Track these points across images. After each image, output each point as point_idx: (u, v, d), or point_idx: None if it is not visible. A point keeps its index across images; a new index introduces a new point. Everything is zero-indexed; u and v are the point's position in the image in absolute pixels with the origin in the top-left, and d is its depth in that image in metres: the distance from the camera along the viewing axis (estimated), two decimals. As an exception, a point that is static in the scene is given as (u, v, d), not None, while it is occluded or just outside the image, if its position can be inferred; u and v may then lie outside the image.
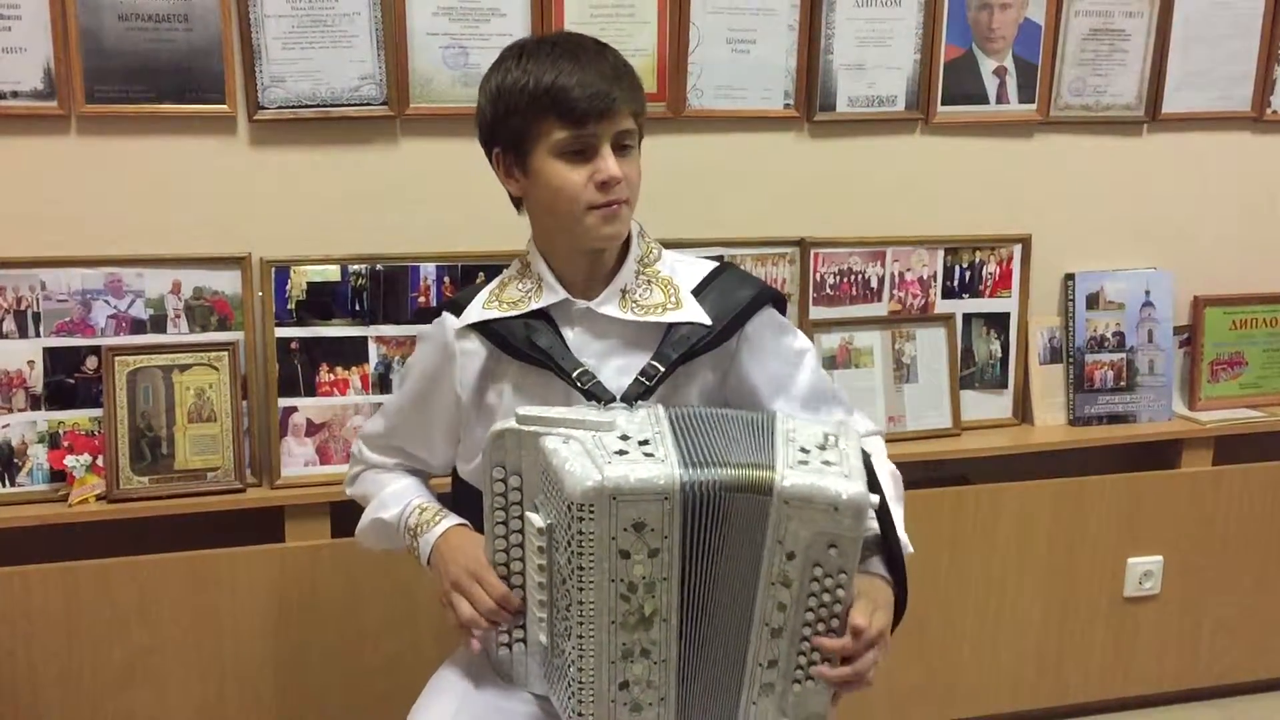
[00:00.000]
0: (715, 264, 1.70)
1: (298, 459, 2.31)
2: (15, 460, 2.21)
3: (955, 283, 2.68)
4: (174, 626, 2.22)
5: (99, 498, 2.19)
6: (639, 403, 1.54)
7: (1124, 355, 2.78)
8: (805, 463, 1.40)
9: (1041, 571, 2.67)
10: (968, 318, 2.70)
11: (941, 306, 2.68)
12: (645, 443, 1.42)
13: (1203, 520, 2.76)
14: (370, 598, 2.30)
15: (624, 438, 1.42)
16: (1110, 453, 2.77)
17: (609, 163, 1.53)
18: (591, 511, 1.35)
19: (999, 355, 2.73)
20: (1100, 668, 2.77)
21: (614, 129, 1.54)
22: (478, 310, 1.63)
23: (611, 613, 1.40)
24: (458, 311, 1.65)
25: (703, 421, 1.48)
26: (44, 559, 2.17)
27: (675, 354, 1.58)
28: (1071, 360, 2.76)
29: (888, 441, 1.74)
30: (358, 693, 2.32)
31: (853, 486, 1.37)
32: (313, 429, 2.31)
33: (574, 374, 1.57)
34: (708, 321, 1.60)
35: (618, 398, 1.55)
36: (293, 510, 2.27)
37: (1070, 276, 2.76)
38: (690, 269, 1.67)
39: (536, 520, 1.44)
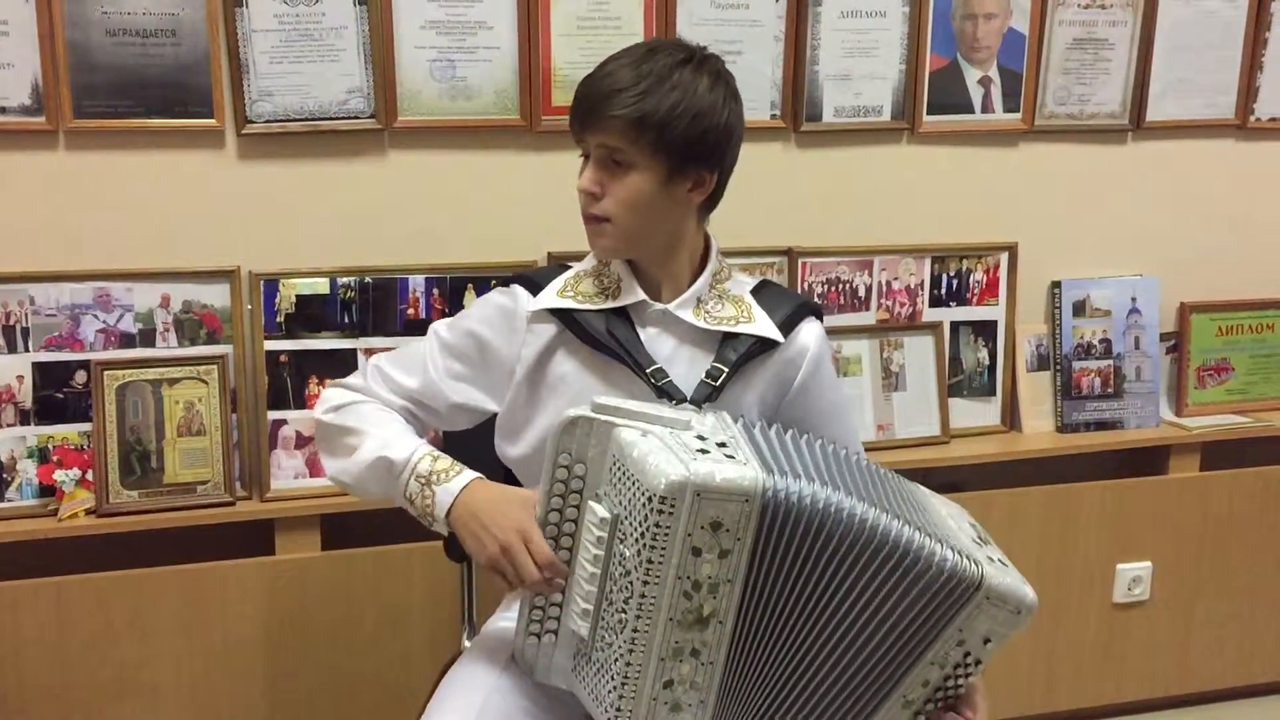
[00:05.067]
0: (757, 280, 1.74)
1: (287, 472, 2.31)
2: (4, 475, 2.20)
3: (943, 291, 2.69)
4: (164, 640, 2.22)
5: (88, 512, 2.19)
6: (706, 406, 1.56)
7: (1111, 362, 2.79)
8: (992, 559, 1.47)
9: (1031, 578, 2.60)
10: (955, 326, 2.71)
11: (929, 315, 2.69)
12: (723, 445, 1.42)
13: (1191, 526, 2.77)
14: (360, 610, 2.30)
15: (701, 438, 1.42)
16: (1098, 459, 2.79)
17: (583, 174, 1.56)
18: (673, 506, 1.34)
19: (987, 363, 2.74)
20: (1090, 673, 2.78)
21: (597, 141, 1.54)
22: (552, 296, 1.63)
23: (672, 609, 1.39)
24: (534, 290, 1.64)
25: (780, 437, 1.48)
26: (34, 574, 2.16)
27: (735, 355, 1.60)
28: (1059, 367, 2.77)
29: (877, 450, 1.75)
30: (348, 705, 2.32)
31: (1032, 593, 1.45)
32: (302, 441, 2.31)
33: (648, 370, 1.58)
34: (779, 337, 1.63)
35: (688, 398, 1.56)
36: (283, 523, 2.27)
37: (1057, 284, 2.77)
38: (745, 280, 1.71)
39: (600, 510, 1.42)
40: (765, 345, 1.63)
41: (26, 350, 2.21)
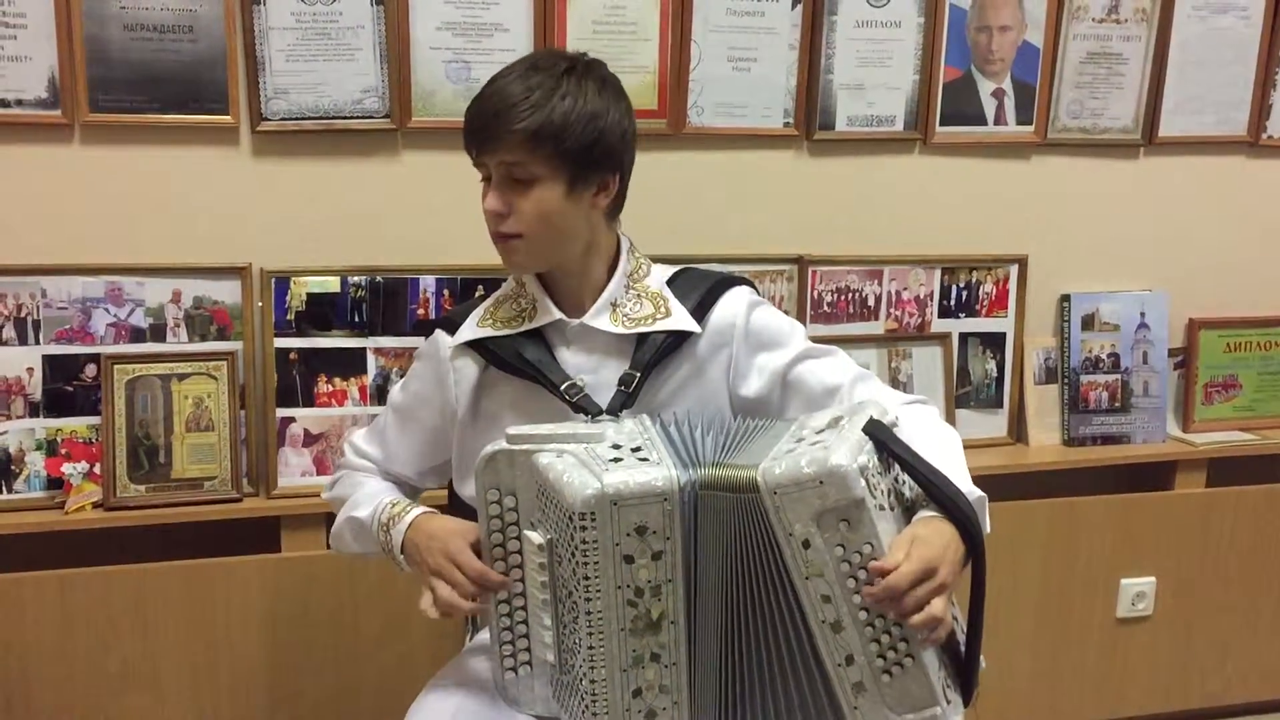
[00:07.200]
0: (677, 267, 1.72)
1: (294, 469, 2.31)
2: (12, 467, 2.21)
3: (952, 302, 2.69)
4: (169, 635, 2.22)
5: (96, 505, 2.19)
6: (624, 413, 1.56)
7: (1119, 376, 2.79)
8: (792, 451, 1.37)
9: (1035, 591, 2.68)
10: (964, 337, 2.71)
11: (938, 326, 2.69)
12: (638, 449, 1.42)
13: (1196, 542, 2.77)
14: (365, 608, 2.30)
15: (616, 446, 1.43)
16: (1104, 473, 2.78)
17: (487, 197, 1.56)
18: (594, 519, 1.36)
19: (995, 375, 2.74)
20: (1093, 688, 2.78)
21: (496, 160, 1.54)
22: (471, 328, 1.64)
23: (620, 619, 1.40)
24: (451, 329, 1.66)
25: (697, 427, 1.48)
26: (40, 566, 2.17)
27: (648, 356, 1.59)
28: (1067, 381, 2.77)
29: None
30: (352, 703, 2.32)
31: (833, 457, 1.30)
32: (310, 439, 2.31)
33: (562, 387, 1.58)
34: (694, 327, 1.61)
35: (604, 409, 1.57)
36: (289, 520, 2.27)
37: (1066, 297, 2.77)
38: (662, 273, 1.69)
39: (535, 538, 1.44)
40: (682, 336, 1.61)
41: (37, 343, 2.21)
